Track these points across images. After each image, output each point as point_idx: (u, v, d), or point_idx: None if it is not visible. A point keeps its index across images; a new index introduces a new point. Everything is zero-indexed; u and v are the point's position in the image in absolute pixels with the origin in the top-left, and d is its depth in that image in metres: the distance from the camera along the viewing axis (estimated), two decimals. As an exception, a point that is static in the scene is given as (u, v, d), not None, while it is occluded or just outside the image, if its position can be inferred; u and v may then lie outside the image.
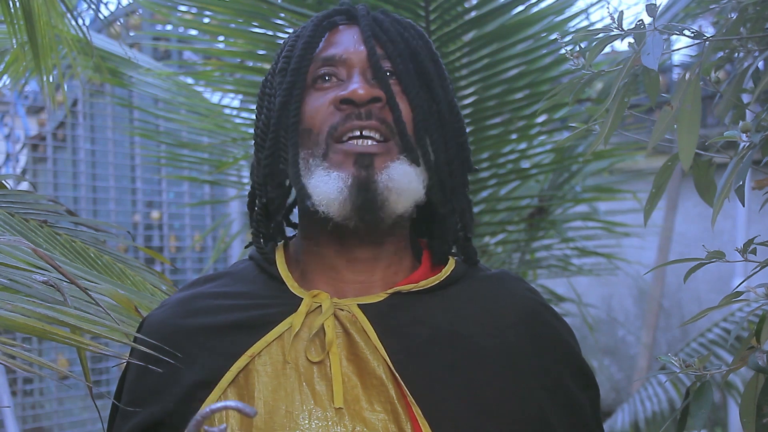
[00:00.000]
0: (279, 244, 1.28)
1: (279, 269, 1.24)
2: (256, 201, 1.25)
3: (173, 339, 1.19)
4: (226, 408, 0.75)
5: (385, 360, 1.15)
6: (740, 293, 1.07)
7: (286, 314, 1.19)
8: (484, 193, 3.23)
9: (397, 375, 1.14)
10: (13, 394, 3.95)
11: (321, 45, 1.20)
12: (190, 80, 3.46)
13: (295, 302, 1.19)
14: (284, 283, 1.23)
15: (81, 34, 2.26)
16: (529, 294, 1.28)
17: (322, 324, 1.17)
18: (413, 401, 1.13)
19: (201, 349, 1.18)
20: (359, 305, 1.19)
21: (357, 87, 1.14)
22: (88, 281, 1.46)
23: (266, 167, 1.21)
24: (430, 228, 1.28)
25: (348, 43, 1.20)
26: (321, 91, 1.18)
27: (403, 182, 1.15)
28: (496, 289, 1.26)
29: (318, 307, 1.18)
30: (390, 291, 1.20)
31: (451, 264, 1.26)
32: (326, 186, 1.14)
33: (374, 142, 1.15)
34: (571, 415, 1.22)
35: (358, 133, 1.15)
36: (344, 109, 1.15)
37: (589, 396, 1.26)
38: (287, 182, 1.22)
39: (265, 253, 1.25)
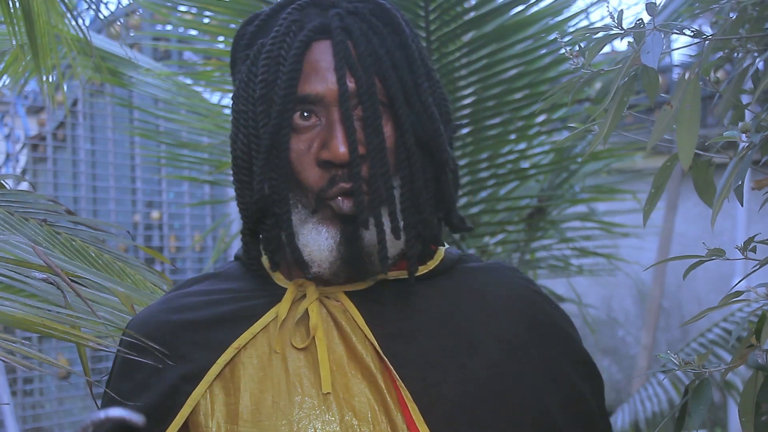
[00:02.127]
0: None
1: (264, 263, 1.23)
2: (241, 213, 1.22)
3: (158, 335, 1.18)
4: (108, 418, 0.75)
5: (373, 345, 1.14)
6: (740, 293, 1.07)
7: (271, 305, 1.18)
8: (484, 194, 3.24)
9: (386, 360, 1.13)
10: (13, 394, 3.95)
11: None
12: (189, 80, 3.46)
13: (281, 293, 1.19)
14: (270, 276, 1.22)
15: (81, 34, 2.26)
16: (524, 283, 1.27)
17: (307, 310, 1.16)
18: (402, 386, 1.12)
19: (187, 343, 1.18)
20: (346, 292, 1.19)
21: (339, 146, 1.12)
22: (89, 279, 1.46)
23: (258, 204, 1.18)
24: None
25: (322, 72, 1.15)
26: (301, 133, 1.15)
27: (388, 239, 1.15)
28: (489, 279, 1.25)
29: (304, 295, 1.18)
30: (377, 278, 1.19)
31: (440, 254, 1.25)
32: (316, 244, 1.14)
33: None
34: (573, 405, 1.21)
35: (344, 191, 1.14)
36: (328, 168, 1.14)
37: (591, 386, 1.24)
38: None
39: (251, 257, 1.24)
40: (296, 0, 1.20)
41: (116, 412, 0.74)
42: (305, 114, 1.15)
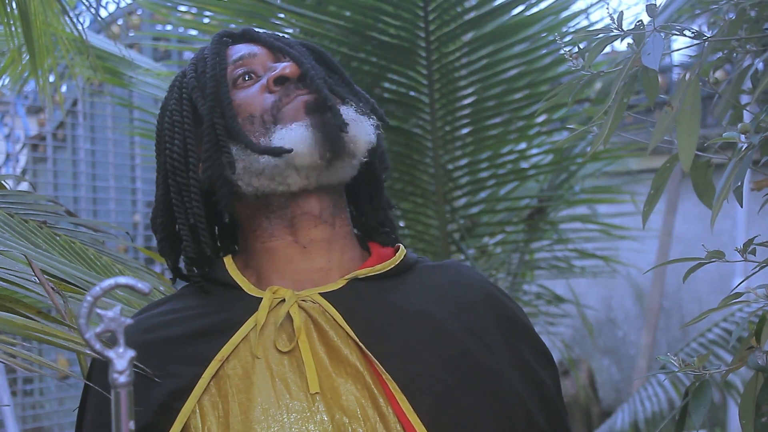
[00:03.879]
0: (227, 256, 1.27)
1: (232, 275, 1.22)
2: (180, 227, 1.23)
3: (136, 355, 1.15)
4: (117, 285, 0.74)
5: (356, 342, 1.15)
6: (740, 294, 1.07)
7: (248, 315, 1.17)
8: (483, 194, 3.24)
9: (370, 355, 1.14)
10: (13, 394, 3.96)
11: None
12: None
13: (255, 303, 1.18)
14: (239, 288, 1.21)
15: (78, 34, 2.25)
16: (484, 279, 1.31)
17: (288, 314, 1.16)
18: (389, 378, 1.13)
19: (168, 360, 1.16)
20: (321, 294, 1.19)
21: (286, 66, 1.20)
22: (89, 282, 1.46)
23: (209, 172, 1.20)
24: (361, 216, 1.31)
25: (247, 47, 1.26)
26: (245, 88, 1.22)
27: (358, 118, 1.20)
28: (450, 275, 1.29)
29: (280, 302, 1.18)
30: (348, 277, 1.21)
31: (402, 251, 1.28)
32: (293, 133, 1.17)
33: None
34: (537, 391, 1.23)
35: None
36: (279, 89, 1.20)
37: (550, 375, 1.27)
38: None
39: (206, 273, 1.24)
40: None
41: (125, 279, 0.73)
42: (246, 78, 1.23)
